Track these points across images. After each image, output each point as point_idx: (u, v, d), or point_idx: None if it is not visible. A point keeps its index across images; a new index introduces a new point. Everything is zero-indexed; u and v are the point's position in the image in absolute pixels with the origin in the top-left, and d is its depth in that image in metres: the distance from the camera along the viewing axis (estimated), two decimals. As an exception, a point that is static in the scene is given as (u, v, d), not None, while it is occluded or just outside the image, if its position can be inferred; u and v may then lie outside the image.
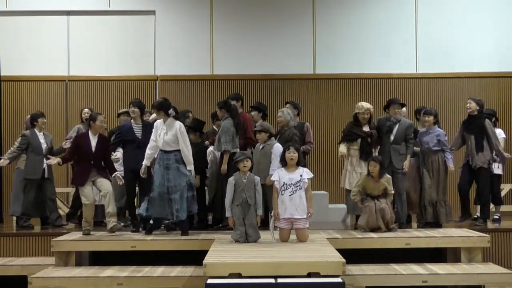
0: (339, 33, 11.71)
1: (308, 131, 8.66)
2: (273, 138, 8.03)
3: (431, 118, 8.21)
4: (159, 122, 7.59)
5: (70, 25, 11.69)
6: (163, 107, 7.56)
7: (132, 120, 8.15)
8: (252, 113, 8.72)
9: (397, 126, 8.06)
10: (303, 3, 11.70)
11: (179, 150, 7.46)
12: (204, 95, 11.46)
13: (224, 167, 8.05)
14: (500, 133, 9.18)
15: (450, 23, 11.66)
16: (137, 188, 8.14)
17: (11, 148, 8.85)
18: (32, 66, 11.53)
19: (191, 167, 7.49)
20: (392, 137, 8.04)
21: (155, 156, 7.66)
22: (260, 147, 8.04)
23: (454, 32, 11.64)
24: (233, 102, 8.63)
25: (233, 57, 11.65)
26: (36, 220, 8.89)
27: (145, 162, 7.59)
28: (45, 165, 8.63)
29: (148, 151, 7.60)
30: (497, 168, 8.91)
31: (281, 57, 11.63)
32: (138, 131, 8.00)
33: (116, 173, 7.68)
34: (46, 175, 8.69)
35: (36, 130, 8.72)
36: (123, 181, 7.69)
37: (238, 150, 8.07)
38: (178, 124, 7.53)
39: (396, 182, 7.95)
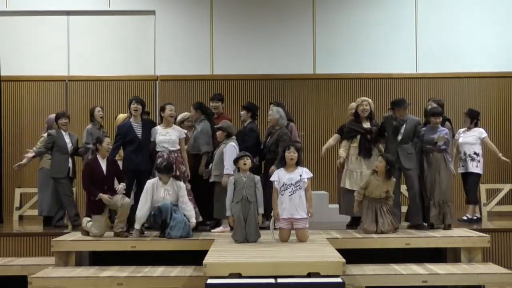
0: (339, 33, 11.71)
1: (293, 131, 8.55)
2: (233, 137, 7.96)
3: (440, 119, 8.10)
4: (155, 184, 7.34)
5: (70, 25, 11.69)
6: (170, 171, 7.41)
7: (131, 118, 8.05)
8: (242, 112, 8.69)
9: (404, 126, 7.92)
10: (303, 3, 11.70)
11: None
12: (204, 95, 11.41)
13: (202, 168, 8.10)
14: (481, 132, 9.02)
15: (450, 23, 11.67)
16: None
17: (36, 146, 8.87)
18: (32, 66, 11.52)
19: (193, 220, 7.37)
20: (399, 137, 7.89)
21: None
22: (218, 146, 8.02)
23: (454, 32, 11.65)
24: (218, 103, 8.69)
25: (233, 57, 11.65)
26: (38, 220, 8.88)
27: (137, 227, 7.27)
28: (70, 164, 8.62)
29: (143, 213, 7.25)
30: (476, 167, 8.84)
31: (281, 57, 11.64)
32: (138, 130, 7.89)
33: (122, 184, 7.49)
34: (70, 174, 8.67)
35: (61, 130, 8.71)
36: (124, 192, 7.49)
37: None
38: (182, 185, 7.42)
39: (408, 182, 7.87)
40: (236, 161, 7.04)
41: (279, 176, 6.93)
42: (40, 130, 10.97)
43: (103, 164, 7.47)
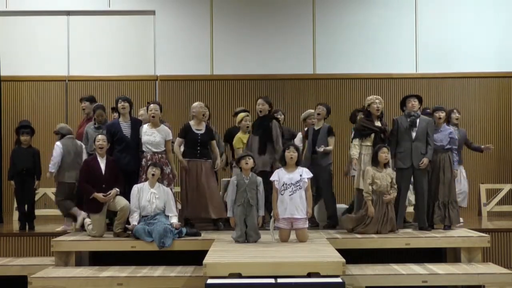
0: (339, 33, 11.71)
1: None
2: (67, 137, 8.20)
3: (444, 114, 8.08)
4: (140, 188, 7.31)
5: (70, 25, 11.70)
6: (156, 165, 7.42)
7: (120, 118, 7.95)
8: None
9: (418, 120, 7.80)
10: (303, 3, 11.70)
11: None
12: (204, 95, 11.45)
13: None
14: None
15: (450, 23, 11.67)
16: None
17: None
18: (32, 66, 11.53)
19: (175, 218, 7.37)
20: (414, 134, 7.74)
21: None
22: None
23: (454, 32, 11.65)
24: (86, 104, 8.70)
25: (233, 57, 11.65)
26: (37, 221, 8.86)
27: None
28: None
29: (134, 217, 7.26)
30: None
31: (281, 57, 11.64)
32: (126, 130, 7.83)
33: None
34: None
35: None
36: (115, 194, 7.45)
37: None
38: (170, 192, 7.42)
39: (416, 182, 7.76)
40: (238, 161, 7.04)
41: (279, 175, 6.92)
42: (40, 130, 10.97)
43: (102, 164, 7.46)
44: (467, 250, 7.17)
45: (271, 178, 7.03)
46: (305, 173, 6.92)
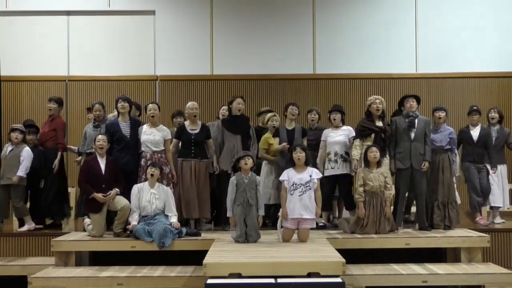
0: (339, 33, 11.71)
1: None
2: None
3: (444, 114, 8.10)
4: (140, 188, 7.34)
5: (70, 25, 11.69)
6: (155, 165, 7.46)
7: (119, 117, 7.99)
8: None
9: (417, 120, 7.81)
10: (303, 3, 11.69)
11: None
12: (204, 95, 11.45)
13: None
14: (351, 130, 8.27)
15: (450, 23, 11.66)
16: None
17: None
18: (32, 66, 11.51)
19: (175, 218, 7.38)
20: (413, 134, 7.76)
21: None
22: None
23: (454, 32, 11.64)
24: (55, 105, 8.68)
25: (233, 57, 11.64)
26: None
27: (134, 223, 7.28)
28: None
29: (134, 217, 7.29)
30: (349, 169, 8.09)
31: (281, 57, 11.63)
32: (126, 129, 7.86)
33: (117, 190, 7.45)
34: None
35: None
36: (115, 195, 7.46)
37: None
38: (169, 192, 7.43)
39: (415, 182, 7.78)
40: (237, 161, 7.05)
41: (288, 175, 6.93)
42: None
43: (102, 164, 7.46)
44: (467, 250, 7.18)
45: (281, 178, 7.04)
46: (314, 174, 6.95)
